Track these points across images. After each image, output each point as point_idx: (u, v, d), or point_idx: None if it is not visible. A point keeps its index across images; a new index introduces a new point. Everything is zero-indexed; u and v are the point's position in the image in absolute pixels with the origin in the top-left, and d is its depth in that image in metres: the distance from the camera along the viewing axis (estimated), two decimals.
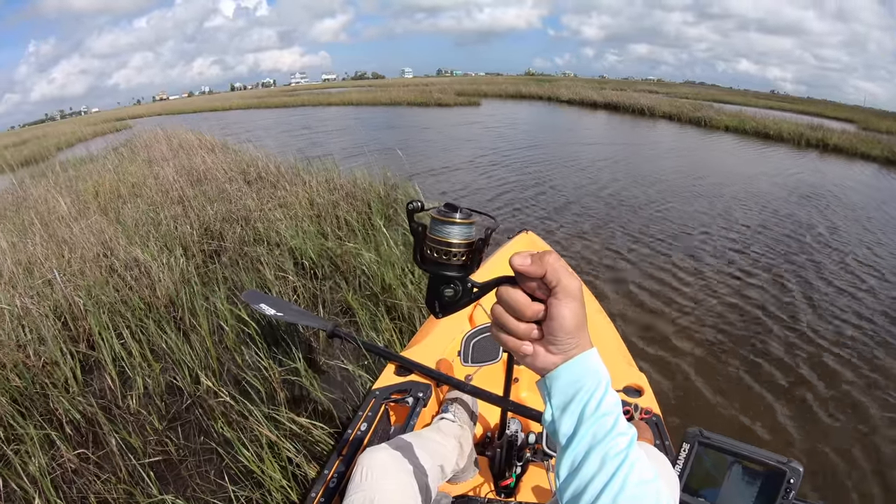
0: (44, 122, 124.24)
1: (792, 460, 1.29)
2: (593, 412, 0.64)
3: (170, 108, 46.60)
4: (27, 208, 7.16)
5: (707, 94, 42.64)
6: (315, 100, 36.17)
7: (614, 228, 6.67)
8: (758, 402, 3.31)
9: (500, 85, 42.12)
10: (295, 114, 28.26)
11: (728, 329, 4.17)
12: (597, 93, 30.33)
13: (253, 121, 25.93)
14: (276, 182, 7.24)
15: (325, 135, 17.39)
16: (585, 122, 22.61)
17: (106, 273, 4.65)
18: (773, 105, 34.91)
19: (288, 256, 4.84)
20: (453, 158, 11.88)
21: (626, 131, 19.08)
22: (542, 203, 7.88)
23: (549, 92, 33.71)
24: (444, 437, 1.71)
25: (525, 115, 24.53)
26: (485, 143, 14.40)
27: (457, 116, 22.67)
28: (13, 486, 2.55)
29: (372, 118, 22.92)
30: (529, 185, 9.19)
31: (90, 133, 21.70)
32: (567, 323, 0.64)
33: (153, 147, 11.13)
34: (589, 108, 27.57)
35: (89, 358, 3.69)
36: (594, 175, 10.18)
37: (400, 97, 31.28)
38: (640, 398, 1.99)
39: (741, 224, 7.05)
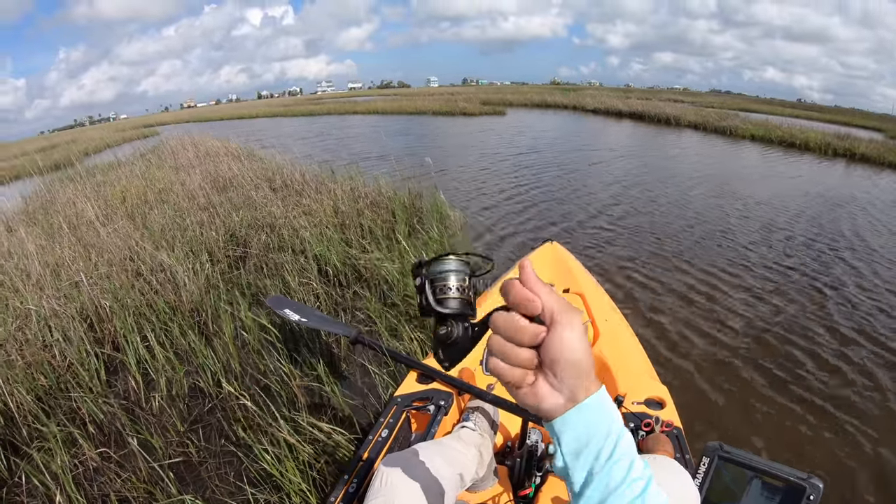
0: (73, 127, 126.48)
1: (812, 476, 1.31)
2: (607, 459, 0.60)
3: (197, 115, 47.26)
4: (55, 212, 7.33)
5: (733, 104, 42.10)
6: (341, 108, 36.45)
7: (639, 238, 6.66)
8: (779, 418, 3.28)
9: (525, 94, 42.07)
10: (321, 122, 28.54)
11: (753, 343, 4.14)
12: (622, 102, 30.18)
13: (279, 128, 26.28)
14: (301, 190, 7.34)
15: (350, 143, 17.56)
16: (611, 131, 22.50)
17: (132, 277, 4.79)
18: (799, 114, 34.41)
19: (312, 263, 4.92)
20: (477, 167, 11.96)
21: (651, 140, 18.95)
22: (566, 212, 7.90)
23: (575, 101, 33.65)
24: (464, 446, 1.74)
25: (551, 125, 24.49)
26: (509, 152, 14.42)
27: (482, 126, 22.71)
28: (35, 483, 2.65)
29: (397, 127, 23.04)
30: (555, 194, 9.23)
31: (118, 139, 22.16)
32: (573, 352, 0.60)
33: (180, 154, 11.35)
34: (614, 117, 27.43)
35: (114, 359, 3.81)
36: (619, 184, 10.14)
37: (425, 106, 31.45)
38: (661, 410, 2.00)
39: (768, 234, 6.98)
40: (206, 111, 72.06)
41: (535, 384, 0.63)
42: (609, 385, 2.17)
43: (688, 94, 75.84)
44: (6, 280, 4.83)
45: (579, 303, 2.79)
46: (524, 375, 0.63)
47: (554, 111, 32.25)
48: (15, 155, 21.30)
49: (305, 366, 3.41)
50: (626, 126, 23.95)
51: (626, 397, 2.02)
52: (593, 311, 2.70)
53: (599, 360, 2.33)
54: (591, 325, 2.58)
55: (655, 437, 1.82)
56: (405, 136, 19.73)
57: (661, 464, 1.34)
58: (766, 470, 1.37)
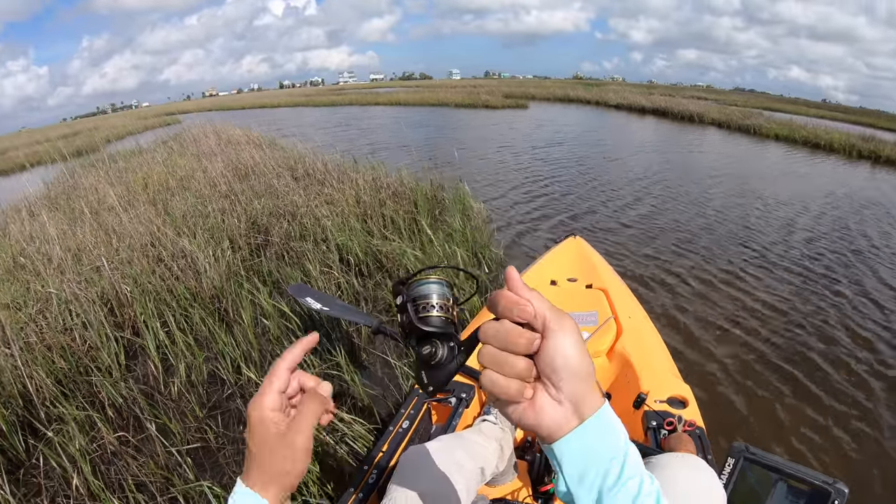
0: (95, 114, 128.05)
1: (838, 481, 1.29)
2: (615, 482, 0.56)
3: (219, 104, 47.68)
4: (77, 197, 7.41)
5: (757, 102, 41.65)
6: (363, 99, 36.66)
7: (661, 236, 6.58)
8: (802, 422, 3.22)
9: (547, 88, 42.00)
10: (342, 113, 28.69)
11: (779, 345, 4.07)
12: (645, 98, 30.10)
13: (301, 118, 26.45)
14: (323, 179, 7.34)
15: (372, 133, 17.64)
16: (634, 127, 22.37)
17: (153, 262, 4.81)
18: (824, 114, 33.93)
19: (334, 253, 4.91)
20: (499, 159, 11.94)
21: (675, 137, 18.80)
22: (590, 208, 7.84)
23: (597, 96, 33.53)
24: (485, 439, 1.72)
25: (573, 119, 24.41)
26: (532, 145, 14.39)
27: (504, 119, 22.69)
28: (53, 465, 2.67)
29: (419, 119, 23.14)
30: (579, 189, 9.17)
31: (140, 126, 22.41)
32: (570, 358, 0.57)
33: (202, 141, 11.42)
34: (637, 113, 27.29)
35: (133, 344, 3.83)
36: (643, 181, 10.04)
37: (447, 98, 31.55)
38: (684, 410, 1.96)
39: (792, 235, 6.86)
40: (227, 100, 72.70)
41: (533, 398, 0.59)
42: (632, 383, 2.15)
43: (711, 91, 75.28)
44: (28, 264, 4.88)
45: (603, 299, 2.76)
46: (521, 388, 0.59)
47: (576, 106, 32.16)
48: (38, 141, 21.60)
49: (326, 354, 3.40)
50: (650, 122, 23.81)
51: (649, 395, 1.99)
52: (616, 308, 2.66)
53: (622, 357, 2.31)
54: (614, 321, 2.54)
55: (678, 437, 1.78)
56: (427, 127, 19.77)
57: (688, 462, 1.30)
58: (791, 473, 1.35)
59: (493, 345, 0.59)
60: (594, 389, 0.58)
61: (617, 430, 0.58)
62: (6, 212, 7.39)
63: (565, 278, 3.05)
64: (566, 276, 3.06)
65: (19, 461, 2.86)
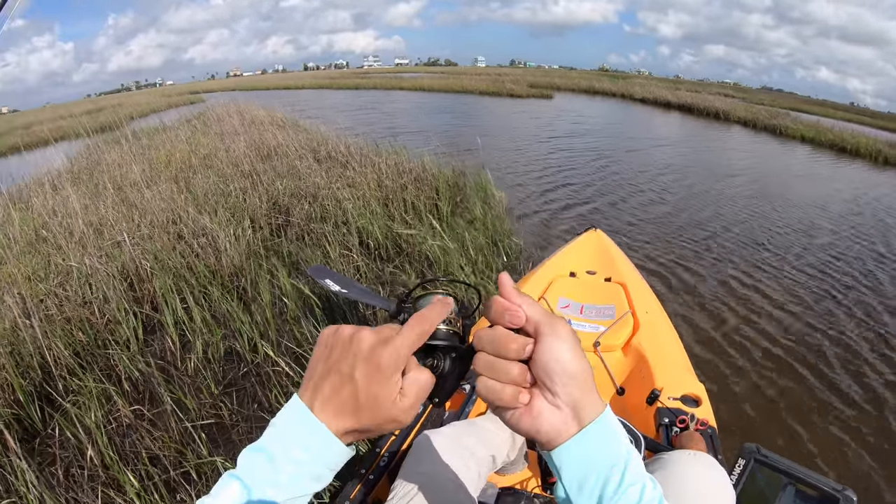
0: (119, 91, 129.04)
1: (847, 488, 1.29)
2: (616, 490, 0.55)
3: (243, 84, 47.98)
4: (101, 172, 7.47)
5: (784, 102, 40.82)
6: (387, 83, 36.68)
7: (684, 232, 6.51)
8: (814, 428, 3.18)
9: (573, 79, 41.70)
10: (366, 96, 28.77)
11: (795, 349, 3.99)
12: (671, 93, 29.71)
13: (324, 100, 26.51)
14: (345, 162, 7.36)
15: (395, 118, 17.64)
16: (658, 122, 22.18)
17: (174, 239, 4.85)
18: (851, 118, 33.00)
19: (354, 236, 4.93)
20: (522, 148, 11.91)
21: (700, 134, 18.60)
22: (611, 201, 7.79)
23: (623, 89, 33.25)
24: (497, 427, 1.71)
25: (598, 111, 24.29)
26: (555, 135, 14.31)
27: (528, 108, 22.62)
28: (68, 436, 2.72)
29: (443, 105, 23.15)
30: (601, 181, 9.12)
31: (164, 104, 22.56)
32: (564, 362, 0.56)
33: (225, 121, 11.48)
34: (662, 107, 27.03)
35: (152, 319, 3.87)
36: (667, 177, 9.93)
37: (472, 85, 31.50)
38: (697, 408, 1.95)
39: (814, 239, 6.72)
40: (252, 80, 73.06)
41: (531, 403, 0.58)
42: (646, 378, 2.13)
43: (738, 89, 74.12)
44: (49, 237, 4.94)
45: (621, 293, 2.74)
46: (516, 393, 0.57)
47: (601, 98, 31.96)
48: (62, 116, 21.80)
49: None
50: (674, 118, 23.61)
51: (663, 392, 1.98)
52: (634, 302, 2.64)
53: (638, 352, 2.29)
54: (631, 315, 2.52)
55: (689, 435, 1.77)
56: (450, 114, 19.77)
57: (700, 459, 1.30)
58: (801, 478, 1.35)
59: (487, 351, 0.59)
60: (593, 394, 0.57)
61: (618, 436, 0.57)
62: (29, 185, 7.47)
63: (584, 270, 3.03)
64: (585, 269, 3.05)
65: (35, 431, 2.91)
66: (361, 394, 0.59)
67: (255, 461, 0.59)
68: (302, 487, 0.60)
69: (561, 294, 2.72)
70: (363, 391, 0.58)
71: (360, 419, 0.60)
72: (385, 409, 0.59)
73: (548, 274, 2.98)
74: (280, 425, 0.60)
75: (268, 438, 0.60)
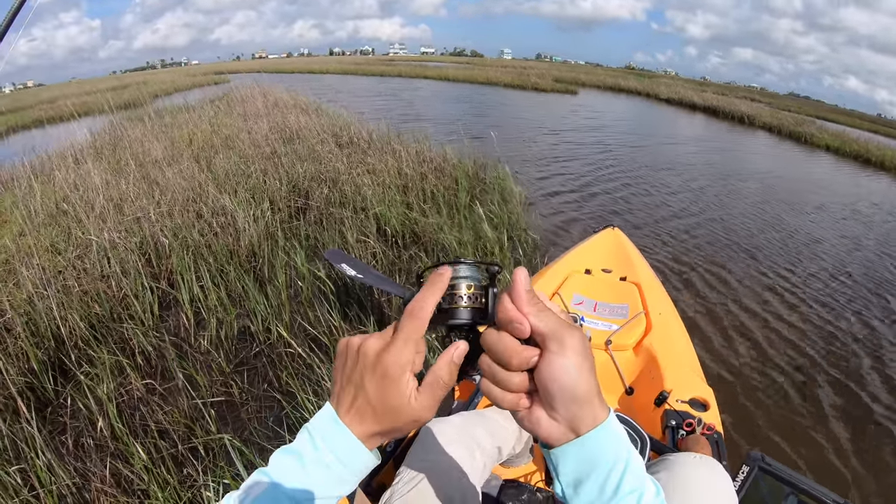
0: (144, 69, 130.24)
1: (849, 502, 1.29)
2: (613, 495, 0.54)
3: (268, 66, 48.20)
4: (123, 149, 7.55)
5: (811, 110, 40.25)
6: (412, 72, 36.70)
7: (703, 236, 6.43)
8: (824, 441, 3.15)
9: (598, 76, 41.45)
10: (391, 83, 28.83)
11: (807, 362, 3.95)
12: (697, 94, 29.40)
13: (348, 85, 26.62)
14: (366, 148, 7.39)
15: (418, 107, 17.60)
16: (683, 123, 21.94)
17: (193, 217, 4.90)
18: (878, 129, 32.36)
19: (371, 222, 4.96)
20: (544, 143, 11.86)
21: (724, 137, 18.36)
22: (631, 201, 7.72)
23: (648, 88, 32.96)
24: (505, 419, 1.73)
25: (622, 109, 24.12)
26: (578, 132, 14.22)
27: (552, 102, 22.57)
28: (80, 406, 2.77)
29: (466, 95, 23.16)
30: (622, 180, 9.00)
31: (189, 84, 22.75)
32: (566, 381, 0.54)
33: (249, 103, 11.55)
34: (687, 109, 26.75)
35: (168, 295, 3.92)
36: (689, 181, 9.78)
37: (497, 77, 31.44)
38: (704, 413, 1.95)
39: (838, 251, 6.60)
40: (277, 63, 73.32)
41: (531, 409, 0.57)
42: (656, 380, 2.13)
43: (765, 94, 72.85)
44: (70, 210, 5.01)
45: (635, 292, 2.74)
46: (517, 400, 0.58)
47: (626, 96, 31.68)
48: (87, 91, 22.05)
49: (355, 321, 3.44)
50: (699, 120, 23.35)
51: (672, 394, 1.98)
52: (648, 303, 2.64)
53: (649, 353, 2.29)
54: (644, 316, 2.53)
55: (695, 439, 1.77)
56: (473, 105, 19.76)
57: (706, 462, 1.30)
58: (804, 489, 1.36)
59: (490, 356, 0.59)
60: (595, 406, 0.56)
61: (620, 440, 0.57)
62: (52, 158, 7.57)
63: (600, 268, 3.04)
64: (601, 267, 3.06)
65: (47, 399, 2.96)
66: (375, 401, 0.60)
67: (287, 463, 0.61)
68: (328, 490, 0.61)
69: (575, 290, 2.73)
70: (376, 399, 0.60)
71: (381, 423, 0.61)
72: (403, 412, 0.60)
73: (564, 269, 2.99)
74: (312, 430, 0.62)
75: (300, 442, 0.62)
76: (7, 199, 5.94)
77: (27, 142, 9.68)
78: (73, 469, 2.42)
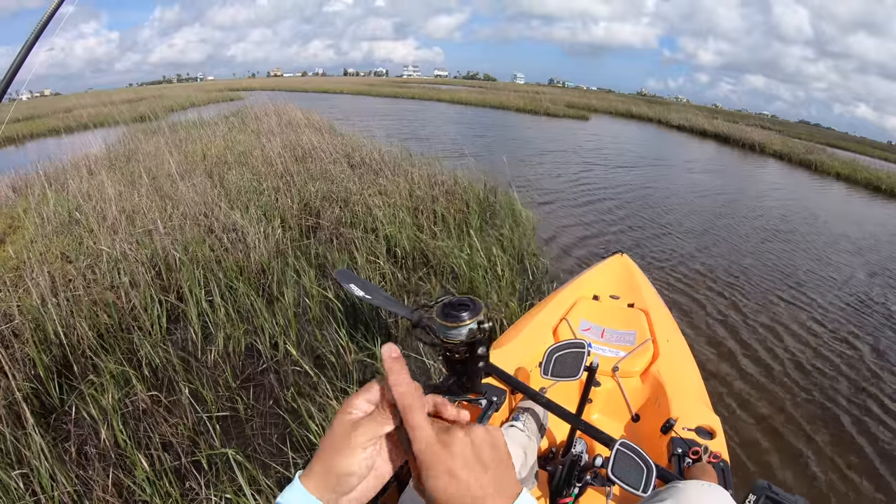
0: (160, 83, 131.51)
1: None
2: None
3: (283, 84, 48.60)
4: (137, 161, 7.63)
5: (822, 138, 40.05)
6: (425, 94, 36.99)
7: (715, 263, 6.38)
8: (832, 474, 3.14)
9: (610, 102, 41.42)
10: (403, 105, 29.09)
11: (820, 391, 3.92)
12: (708, 122, 29.21)
13: (361, 106, 26.85)
14: (378, 169, 7.45)
15: (431, 130, 17.66)
16: (694, 150, 21.88)
17: (204, 232, 4.96)
18: (888, 156, 32.49)
19: (382, 243, 5.00)
20: (555, 168, 11.84)
21: (735, 164, 18.35)
22: (640, 227, 7.70)
23: (660, 115, 32.99)
24: (511, 443, 1.74)
25: (634, 136, 24.10)
26: (590, 158, 14.21)
27: (564, 128, 22.64)
28: (84, 415, 2.81)
29: (479, 119, 23.25)
30: (632, 207, 8.91)
31: (204, 99, 22.98)
32: (446, 500, 0.55)
33: (263, 120, 11.66)
34: (698, 135, 26.76)
35: (176, 309, 3.96)
36: (699, 208, 9.75)
37: (509, 102, 31.51)
38: (711, 441, 1.96)
39: (854, 282, 6.60)
40: (291, 81, 73.94)
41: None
42: (662, 407, 2.14)
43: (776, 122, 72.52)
44: (83, 220, 5.07)
45: (643, 319, 2.76)
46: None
47: (637, 122, 31.69)
48: (103, 103, 22.26)
49: (362, 342, 3.46)
50: (710, 147, 23.33)
51: (678, 422, 1.99)
52: (656, 330, 2.66)
53: (656, 381, 2.31)
54: (652, 343, 2.55)
55: (702, 467, 1.78)
56: (486, 128, 19.84)
57: (713, 491, 1.31)
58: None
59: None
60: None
61: None
62: (66, 167, 7.66)
63: (608, 294, 3.06)
64: (609, 293, 3.08)
65: (52, 406, 3.00)
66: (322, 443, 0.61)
67: None
68: None
69: (583, 316, 2.76)
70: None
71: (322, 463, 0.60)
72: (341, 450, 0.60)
73: (571, 295, 3.01)
74: None
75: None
76: (20, 206, 6.01)
77: (42, 150, 9.79)
78: (76, 477, 2.45)
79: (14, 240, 5.06)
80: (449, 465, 0.54)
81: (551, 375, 1.92)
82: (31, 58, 1.61)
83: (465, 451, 0.55)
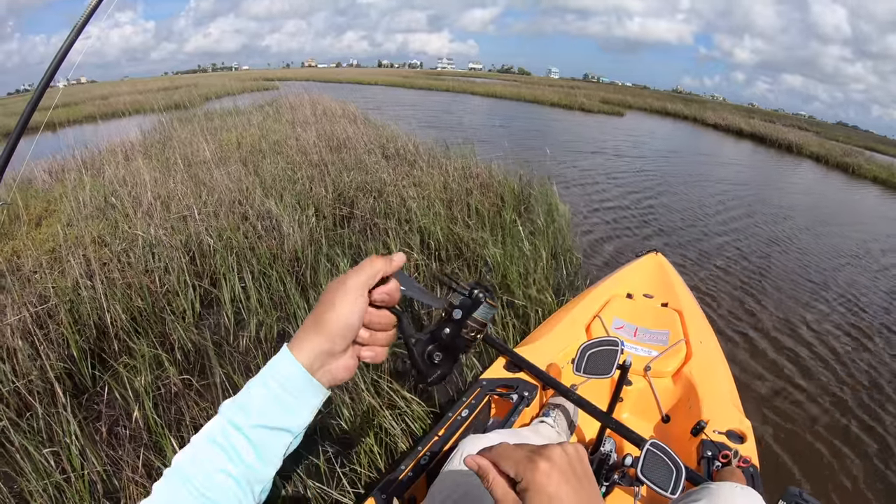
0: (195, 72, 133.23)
1: None
2: None
3: (316, 74, 48.98)
4: (172, 149, 7.72)
5: (859, 140, 39.11)
6: (459, 87, 37.14)
7: (753, 265, 6.26)
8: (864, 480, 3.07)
9: (645, 98, 40.98)
10: (437, 98, 29.13)
11: (856, 400, 3.82)
12: (744, 121, 28.69)
13: (395, 98, 26.94)
14: (413, 161, 7.46)
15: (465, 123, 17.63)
16: (729, 150, 21.54)
17: (238, 219, 5.02)
18: None
19: (415, 234, 5.00)
20: (589, 164, 11.75)
21: (771, 166, 18.03)
22: (676, 227, 7.59)
23: (695, 113, 32.52)
24: (541, 440, 1.73)
25: (670, 133, 23.92)
26: (625, 154, 14.08)
27: (599, 124, 22.51)
28: (116, 396, 2.85)
29: (513, 113, 23.21)
30: (667, 205, 8.85)
31: (239, 88, 23.16)
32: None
33: (298, 110, 11.75)
34: (734, 135, 26.36)
35: (209, 294, 4.01)
36: (737, 210, 9.51)
37: (543, 96, 31.45)
38: (741, 445, 1.93)
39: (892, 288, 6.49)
40: (326, 72, 74.43)
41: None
42: (693, 409, 2.13)
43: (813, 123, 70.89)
44: (118, 205, 5.13)
45: (676, 319, 2.74)
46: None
47: (672, 120, 31.31)
48: (139, 90, 22.62)
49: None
50: (746, 146, 23.00)
51: (709, 424, 1.97)
52: (689, 331, 2.64)
53: (688, 382, 2.29)
54: (685, 344, 2.52)
55: (731, 471, 1.76)
56: (521, 121, 19.78)
57: (747, 493, 1.29)
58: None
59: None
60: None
61: None
62: (103, 153, 7.78)
63: (641, 293, 3.05)
64: (642, 292, 3.06)
65: (85, 387, 3.05)
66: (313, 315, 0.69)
67: (239, 399, 0.65)
68: (271, 417, 0.64)
69: (616, 314, 2.75)
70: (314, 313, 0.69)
71: (317, 333, 0.67)
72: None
73: (605, 293, 3.01)
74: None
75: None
76: (57, 190, 6.12)
77: (79, 136, 9.94)
78: (106, 456, 2.49)
79: (50, 223, 5.15)
80: (549, 489, 0.57)
81: (584, 372, 1.91)
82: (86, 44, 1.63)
83: (557, 476, 0.58)
